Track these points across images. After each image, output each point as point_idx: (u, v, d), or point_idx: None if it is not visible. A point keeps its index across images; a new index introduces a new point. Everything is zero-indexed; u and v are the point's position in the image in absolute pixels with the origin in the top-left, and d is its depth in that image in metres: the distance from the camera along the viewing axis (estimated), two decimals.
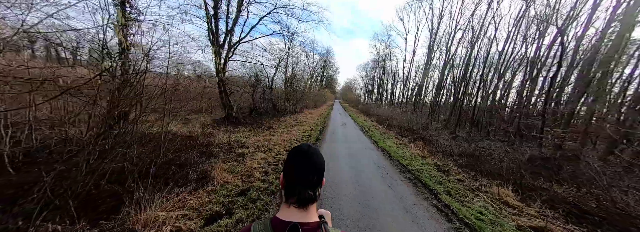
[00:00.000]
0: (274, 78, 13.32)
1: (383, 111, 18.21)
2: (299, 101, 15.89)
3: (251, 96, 12.10)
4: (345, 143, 6.74)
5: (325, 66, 37.25)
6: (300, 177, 0.56)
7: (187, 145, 4.37)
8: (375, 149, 6.27)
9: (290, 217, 0.54)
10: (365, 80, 39.82)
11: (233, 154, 4.45)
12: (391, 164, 4.91)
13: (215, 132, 6.66)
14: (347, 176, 3.87)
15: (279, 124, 9.66)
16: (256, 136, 6.38)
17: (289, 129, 8.25)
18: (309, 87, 22.08)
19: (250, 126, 8.67)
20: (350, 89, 56.10)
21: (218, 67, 8.46)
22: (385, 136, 8.89)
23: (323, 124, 11.16)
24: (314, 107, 21.20)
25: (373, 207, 2.83)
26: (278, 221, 0.53)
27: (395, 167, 4.66)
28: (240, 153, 4.51)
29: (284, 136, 6.51)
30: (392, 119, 13.86)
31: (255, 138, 5.82)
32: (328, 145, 6.34)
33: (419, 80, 19.18)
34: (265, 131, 7.57)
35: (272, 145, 5.35)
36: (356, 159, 4.97)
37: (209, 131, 6.72)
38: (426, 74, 18.91)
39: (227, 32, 8.71)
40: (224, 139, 5.41)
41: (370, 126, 12.22)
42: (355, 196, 3.10)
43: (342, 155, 5.27)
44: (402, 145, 7.05)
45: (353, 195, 3.12)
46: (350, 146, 6.40)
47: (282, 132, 7.57)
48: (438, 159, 5.41)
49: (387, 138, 8.33)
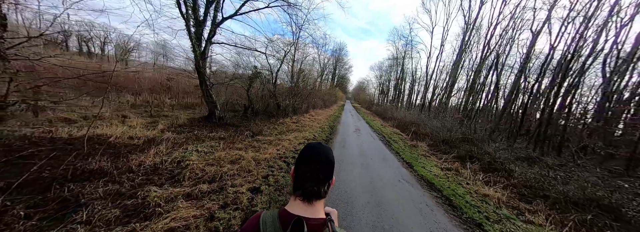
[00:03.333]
0: (278, 72, 11.14)
1: (402, 114, 15.53)
2: (305, 100, 13.61)
3: (246, 91, 9.95)
4: (361, 165, 4.32)
5: (338, 64, 34.79)
6: (307, 172, 0.59)
7: None
8: (414, 182, 3.81)
9: (297, 211, 0.55)
10: (380, 80, 36.93)
11: (127, 203, 2.15)
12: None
13: (171, 138, 4.53)
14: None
15: (274, 127, 7.43)
16: (227, 149, 4.14)
17: (284, 137, 5.97)
18: (318, 85, 19.84)
19: (235, 130, 6.52)
20: (362, 89, 53.15)
21: (196, 51, 6.35)
22: (417, 151, 6.39)
23: (331, 129, 8.81)
24: (323, 107, 18.88)
25: None
26: (285, 213, 0.55)
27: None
28: (141, 205, 2.08)
29: (270, 151, 4.23)
30: (416, 124, 11.24)
31: (220, 155, 3.57)
32: (336, 167, 4.04)
33: (448, 79, 16.29)
34: (247, 139, 5.36)
35: (235, 174, 2.97)
36: (388, 213, 2.58)
37: (165, 136, 4.60)
38: (455, 72, 15.99)
39: (210, 1, 6.52)
40: (163, 155, 3.21)
41: (391, 133, 9.71)
42: None
43: (359, 198, 2.89)
44: (452, 172, 4.52)
45: None
46: (371, 172, 4.00)
47: (272, 142, 5.31)
48: (548, 215, 2.91)
49: (422, 156, 5.84)
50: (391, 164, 4.73)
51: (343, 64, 37.41)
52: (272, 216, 0.54)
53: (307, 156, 0.61)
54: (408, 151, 6.17)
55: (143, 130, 4.78)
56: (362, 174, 3.81)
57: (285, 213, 0.55)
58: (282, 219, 0.53)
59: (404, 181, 3.74)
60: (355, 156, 4.96)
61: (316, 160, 0.60)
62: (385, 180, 3.64)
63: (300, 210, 0.56)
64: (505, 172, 4.64)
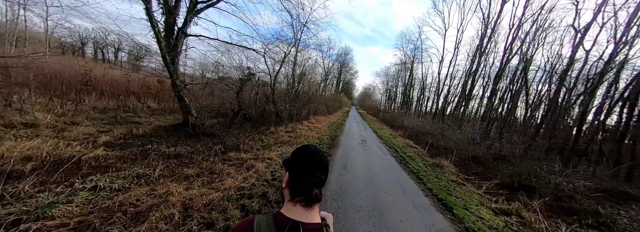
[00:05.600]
0: (277, 75, 9.87)
1: (413, 123, 13.90)
2: (305, 105, 12.21)
3: (236, 95, 8.64)
4: (372, 207, 2.82)
5: (342, 69, 33.57)
6: (310, 176, 0.57)
7: None
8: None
9: (294, 215, 0.54)
10: (387, 86, 35.41)
11: None
12: None
13: (100, 156, 3.18)
14: None
15: (260, 139, 6.02)
16: (165, 178, 2.73)
17: (265, 154, 4.51)
18: (322, 90, 18.49)
19: (207, 141, 5.16)
20: (368, 95, 51.61)
21: (161, 42, 5.10)
22: (444, 174, 4.80)
23: (332, 141, 7.33)
24: (326, 114, 17.43)
25: None
26: (281, 216, 0.53)
27: None
28: None
29: (228, 182, 2.77)
30: (433, 135, 9.64)
31: (136, 193, 2.13)
32: (331, 204, 2.54)
33: (468, 85, 14.67)
34: (212, 158, 3.94)
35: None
36: None
37: (91, 154, 3.24)
38: (472, 77, 14.39)
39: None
40: None
41: (403, 145, 8.14)
42: None
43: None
44: (513, 218, 2.93)
45: None
46: (386, 220, 2.50)
47: (244, 162, 3.85)
48: None
49: (453, 182, 4.27)
50: (415, 200, 3.18)
51: (348, 69, 36.19)
52: (267, 220, 0.52)
53: (307, 160, 0.59)
54: (433, 174, 4.60)
55: (74, 144, 3.44)
56: (368, 215, 2.30)
57: (282, 217, 0.53)
58: (278, 223, 0.51)
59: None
60: (360, 185, 3.44)
61: (317, 163, 0.58)
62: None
63: (298, 214, 0.54)
64: (590, 216, 3.05)
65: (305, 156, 0.59)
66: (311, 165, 0.57)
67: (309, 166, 0.57)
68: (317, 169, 0.57)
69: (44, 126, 4.41)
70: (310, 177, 0.56)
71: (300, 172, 0.57)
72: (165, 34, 5.39)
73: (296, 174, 0.57)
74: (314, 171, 0.56)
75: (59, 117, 5.15)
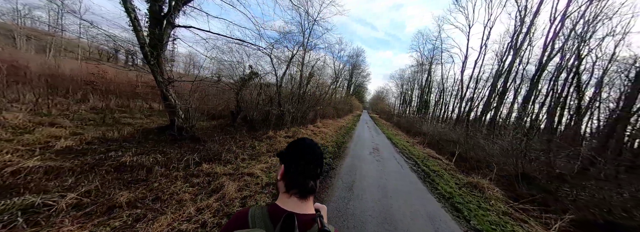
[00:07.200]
0: (284, 76, 9.02)
1: (433, 129, 12.34)
2: (311, 107, 11.17)
3: (236, 95, 7.83)
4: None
5: (354, 71, 32.26)
6: (306, 168, 0.57)
7: None
8: None
9: (289, 207, 0.54)
10: (401, 89, 33.56)
11: None
12: None
13: (42, 168, 2.35)
14: None
15: (251, 145, 5.04)
16: (71, 213, 1.82)
17: (251, 167, 3.47)
18: (331, 92, 17.39)
19: (189, 148, 4.29)
20: (381, 98, 49.68)
21: (137, 29, 4.33)
22: (487, 202, 3.47)
23: (338, 149, 6.17)
24: (335, 117, 16.27)
25: None
26: (275, 208, 0.53)
27: None
28: None
29: (178, 214, 1.80)
30: (460, 144, 8.17)
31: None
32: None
33: (498, 88, 12.94)
34: (181, 172, 3.00)
35: None
36: None
37: (36, 164, 2.43)
38: (505, 78, 12.63)
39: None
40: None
41: (425, 156, 6.80)
42: None
43: None
44: None
45: None
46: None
47: (214, 179, 2.86)
48: None
49: (505, 215, 2.97)
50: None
51: (360, 71, 34.77)
52: (262, 211, 0.52)
53: (303, 153, 0.59)
54: (473, 202, 3.33)
55: (9, 151, 2.66)
56: None
57: (276, 208, 0.53)
58: (273, 215, 0.51)
59: None
60: (372, 224, 2.31)
61: (312, 155, 0.59)
62: None
63: (293, 206, 0.54)
64: None
65: (300, 149, 0.60)
66: (306, 157, 0.58)
67: (304, 158, 0.58)
68: (312, 162, 0.58)
69: (8, 126, 3.78)
70: (305, 169, 0.57)
71: (296, 164, 0.57)
72: (151, 24, 4.65)
73: (291, 166, 0.58)
74: (309, 164, 0.57)
75: (41, 117, 4.56)
